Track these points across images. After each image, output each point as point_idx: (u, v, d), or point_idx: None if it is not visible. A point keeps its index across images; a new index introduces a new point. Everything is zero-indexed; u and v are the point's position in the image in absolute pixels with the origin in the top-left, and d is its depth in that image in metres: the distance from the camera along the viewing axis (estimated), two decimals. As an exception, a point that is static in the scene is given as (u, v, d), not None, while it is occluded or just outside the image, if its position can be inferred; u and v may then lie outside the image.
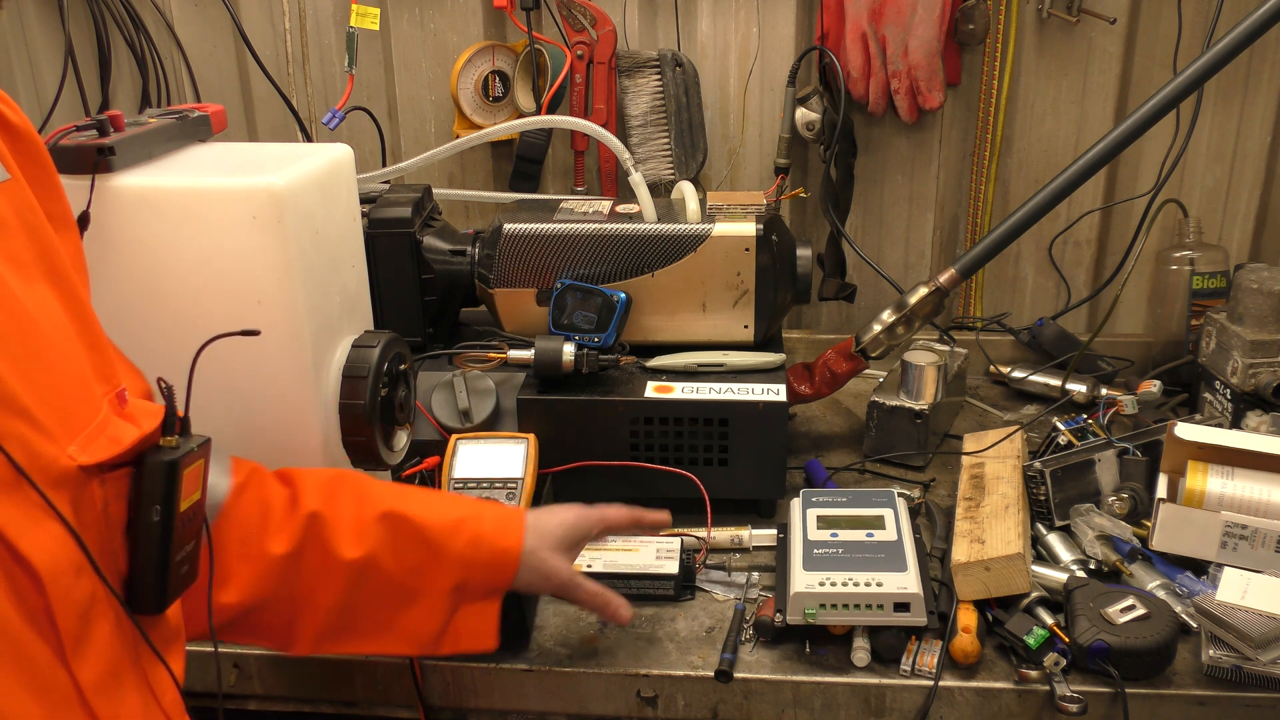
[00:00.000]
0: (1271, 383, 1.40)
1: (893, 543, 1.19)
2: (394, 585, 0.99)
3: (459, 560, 1.01)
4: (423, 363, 1.40)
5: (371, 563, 0.98)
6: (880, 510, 1.25)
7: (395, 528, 0.99)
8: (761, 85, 1.80)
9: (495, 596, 1.04)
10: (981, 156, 1.78)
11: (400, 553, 0.99)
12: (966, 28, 1.68)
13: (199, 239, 1.00)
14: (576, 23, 1.73)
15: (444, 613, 1.02)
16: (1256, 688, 1.06)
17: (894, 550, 1.17)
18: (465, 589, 1.02)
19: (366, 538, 0.98)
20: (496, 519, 1.05)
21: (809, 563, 1.16)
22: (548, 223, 1.41)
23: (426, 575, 1.00)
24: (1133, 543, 1.22)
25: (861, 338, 1.48)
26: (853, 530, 1.21)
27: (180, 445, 0.76)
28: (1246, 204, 1.80)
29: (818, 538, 1.20)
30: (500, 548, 1.03)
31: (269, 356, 1.03)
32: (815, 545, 1.19)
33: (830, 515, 1.25)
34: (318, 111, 1.86)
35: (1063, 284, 1.86)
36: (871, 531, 1.21)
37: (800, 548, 1.19)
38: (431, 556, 1.00)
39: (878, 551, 1.17)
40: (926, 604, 1.11)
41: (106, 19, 1.85)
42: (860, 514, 1.25)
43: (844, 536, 1.20)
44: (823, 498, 1.29)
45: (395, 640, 1.02)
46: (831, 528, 1.22)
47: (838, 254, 1.78)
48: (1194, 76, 1.34)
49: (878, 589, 1.11)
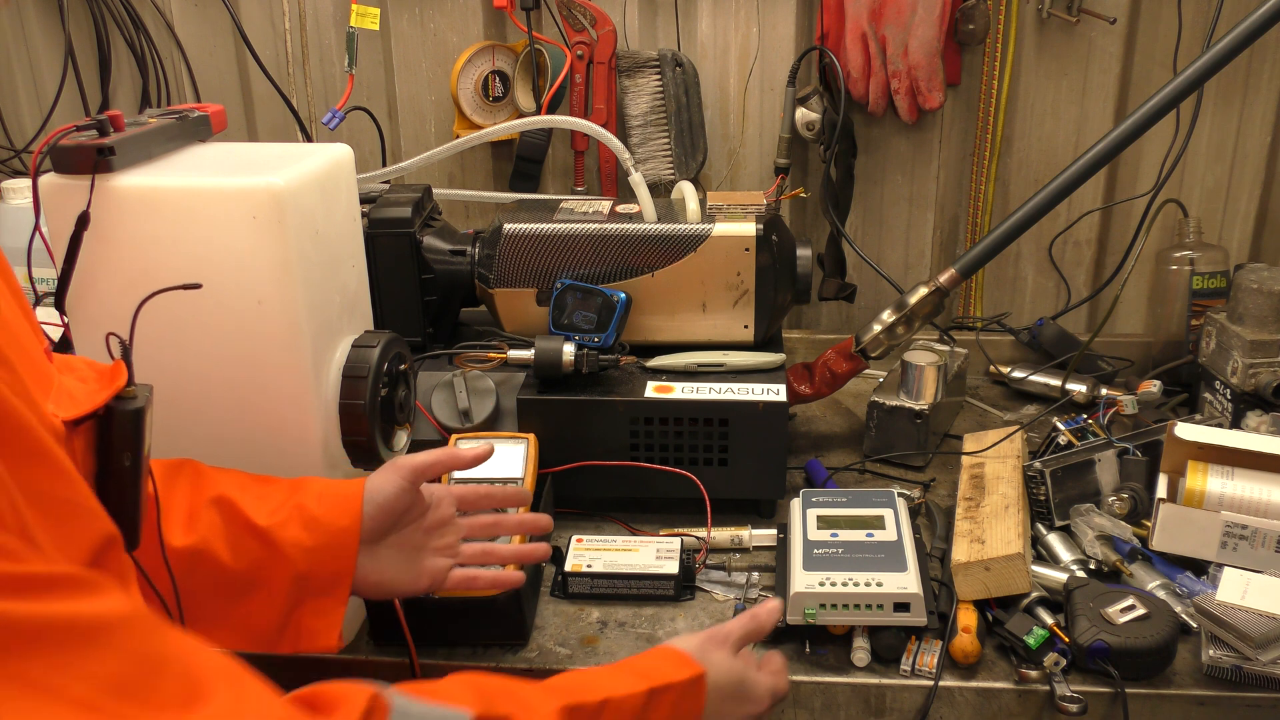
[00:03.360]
0: (1271, 383, 1.40)
1: (893, 543, 1.19)
2: (228, 575, 0.94)
3: (295, 547, 0.95)
4: (423, 363, 1.40)
5: (203, 550, 0.93)
6: (880, 510, 1.25)
7: (227, 514, 0.95)
8: (761, 85, 1.80)
9: (340, 591, 0.98)
10: (981, 156, 1.78)
11: (233, 540, 0.94)
12: (966, 28, 1.68)
13: (199, 239, 1.00)
14: (576, 23, 1.73)
15: (283, 606, 0.96)
16: (1256, 688, 1.06)
17: (894, 550, 1.17)
18: (306, 580, 0.96)
19: (198, 524, 0.94)
20: (331, 497, 0.99)
21: (809, 562, 1.16)
22: (548, 223, 1.41)
23: (263, 565, 0.95)
24: (1133, 543, 1.22)
25: (861, 338, 1.48)
26: (853, 530, 1.21)
27: (139, 395, 0.78)
28: (1246, 204, 1.80)
29: (818, 537, 1.20)
30: (338, 527, 0.97)
31: (269, 356, 1.04)
32: (815, 545, 1.19)
33: (830, 515, 1.25)
34: (318, 111, 1.86)
35: (1063, 284, 1.86)
36: (871, 531, 1.21)
37: (800, 547, 1.19)
38: (264, 544, 0.95)
39: (878, 551, 1.17)
40: (926, 604, 1.11)
41: (106, 19, 1.85)
42: (860, 514, 1.25)
43: (844, 536, 1.20)
44: (822, 498, 1.29)
45: (233, 634, 0.96)
46: (831, 528, 1.22)
47: (838, 254, 1.78)
48: (1194, 76, 1.34)
49: (878, 589, 1.11)
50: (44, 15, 1.89)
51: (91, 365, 0.86)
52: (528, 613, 1.17)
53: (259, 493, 0.99)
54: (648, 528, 1.34)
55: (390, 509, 1.00)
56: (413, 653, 1.11)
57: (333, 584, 0.98)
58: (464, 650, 1.14)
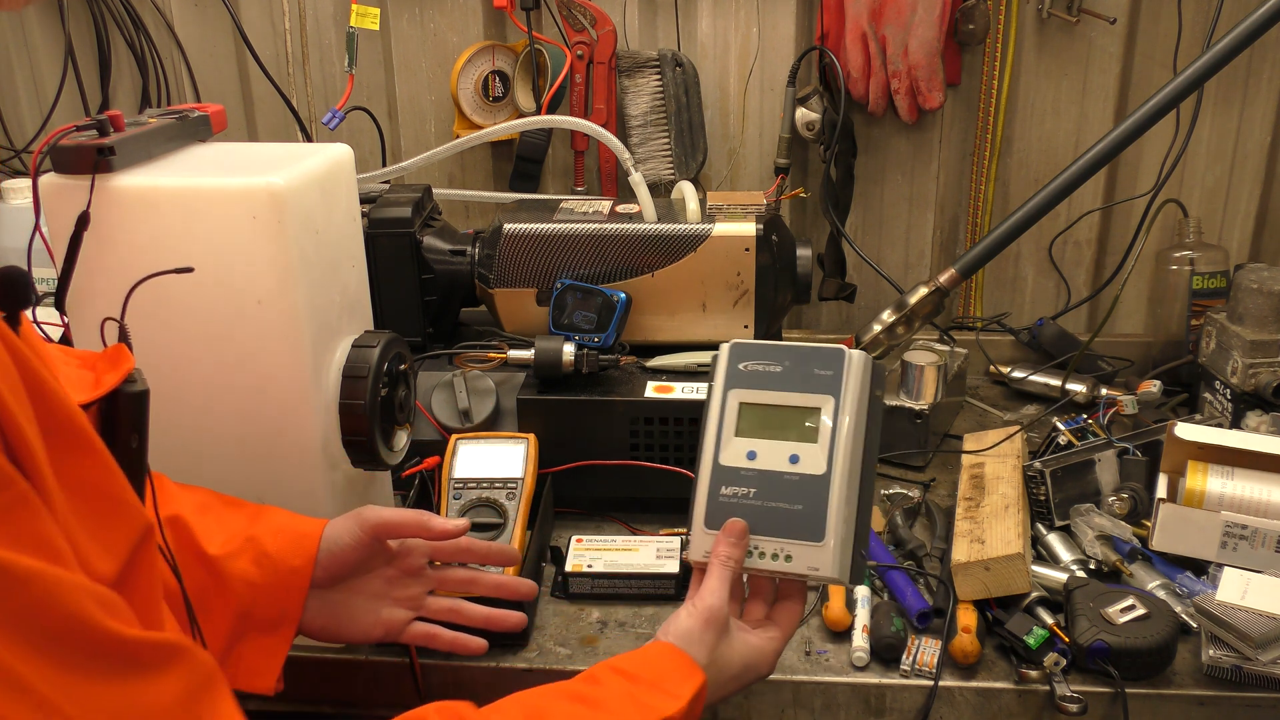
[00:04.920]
0: (1271, 383, 1.40)
1: (816, 480, 0.92)
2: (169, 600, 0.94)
3: (241, 581, 0.93)
4: (423, 363, 1.40)
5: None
6: (818, 399, 0.94)
7: (178, 536, 0.92)
8: (761, 85, 1.80)
9: (284, 631, 0.95)
10: (981, 156, 1.78)
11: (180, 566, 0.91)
12: (966, 28, 1.68)
13: (199, 239, 1.00)
14: (576, 23, 1.73)
15: (224, 639, 0.93)
16: (1256, 688, 1.06)
17: (815, 498, 0.91)
18: (250, 616, 0.93)
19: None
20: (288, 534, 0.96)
21: (713, 512, 0.94)
22: (548, 223, 1.41)
23: (207, 593, 0.92)
24: (1133, 543, 1.22)
25: (861, 338, 1.48)
26: (776, 444, 0.94)
27: (138, 377, 0.78)
28: (1246, 204, 1.80)
29: (731, 461, 0.95)
30: (289, 567, 0.94)
31: (269, 356, 1.03)
32: (725, 479, 0.94)
33: (756, 407, 0.96)
34: (318, 111, 1.86)
35: (1063, 284, 1.86)
36: (797, 454, 0.93)
37: (707, 482, 0.95)
38: (211, 573, 0.92)
39: (795, 496, 0.92)
40: (851, 574, 0.92)
41: (106, 19, 1.85)
42: (791, 406, 0.95)
43: (762, 460, 0.94)
44: (754, 362, 0.97)
45: None
46: (753, 434, 0.95)
47: (838, 254, 1.79)
48: (1194, 76, 1.34)
49: (786, 564, 0.92)
50: (44, 15, 1.89)
51: (73, 353, 0.83)
52: (528, 613, 1.17)
53: (219, 516, 0.96)
54: (648, 528, 1.34)
55: (344, 559, 0.99)
56: (413, 653, 1.11)
57: (277, 623, 0.95)
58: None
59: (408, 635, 1.04)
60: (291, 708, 1.20)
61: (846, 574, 0.91)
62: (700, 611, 0.90)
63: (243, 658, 0.95)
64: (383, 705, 1.18)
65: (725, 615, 0.91)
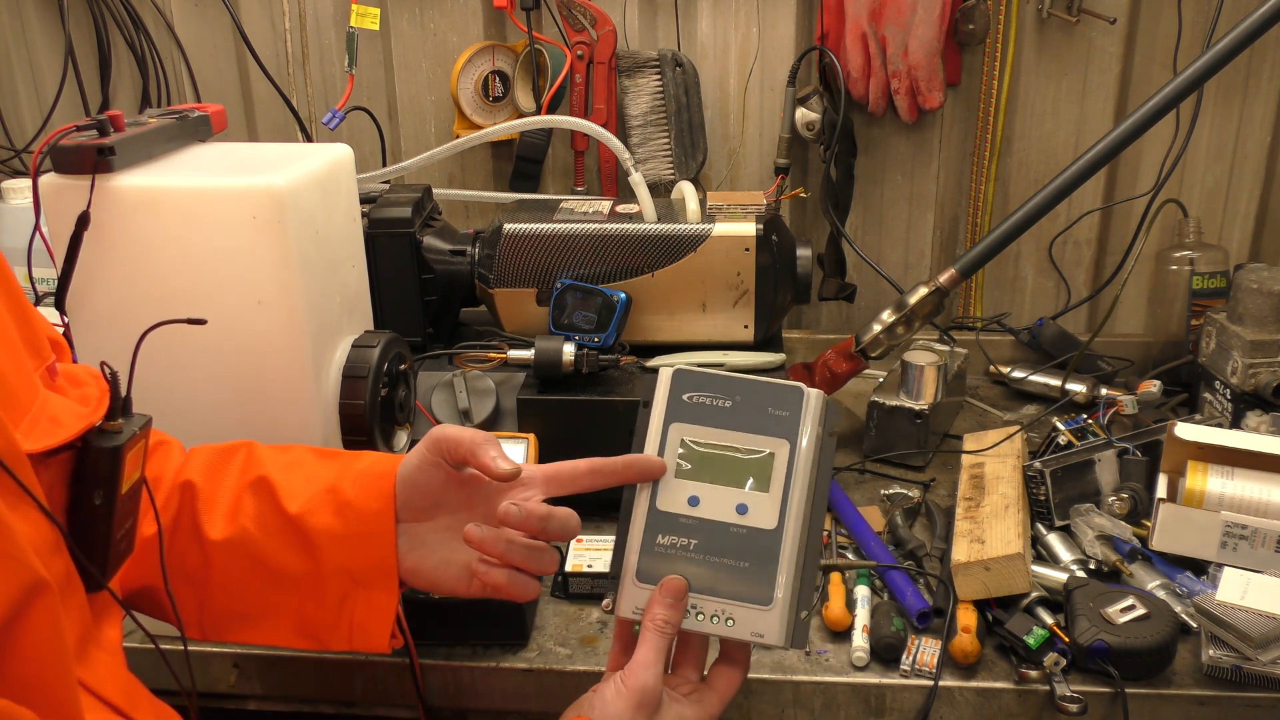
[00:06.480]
0: (1271, 383, 1.40)
1: (766, 534, 0.82)
2: (271, 566, 0.87)
3: (326, 535, 0.86)
4: (423, 363, 1.40)
5: (243, 541, 0.86)
6: (770, 443, 0.84)
7: (263, 500, 0.87)
8: (761, 85, 1.80)
9: (387, 583, 0.87)
10: (981, 156, 1.78)
11: (268, 528, 0.87)
12: (966, 28, 1.68)
13: (199, 239, 1.00)
14: (576, 23, 1.73)
15: (331, 600, 0.87)
16: (1256, 688, 1.06)
17: (763, 554, 0.82)
18: (347, 571, 0.87)
19: (239, 513, 0.87)
20: (367, 476, 0.88)
21: (647, 564, 0.83)
22: (548, 223, 1.41)
23: (300, 555, 0.87)
24: (1133, 543, 1.22)
25: (861, 338, 1.48)
26: (722, 489, 0.84)
27: (124, 429, 0.74)
28: (1246, 204, 1.80)
29: (669, 506, 0.84)
30: (370, 511, 0.86)
31: (269, 356, 1.04)
32: (662, 527, 0.84)
33: (700, 446, 0.85)
34: (318, 111, 1.86)
35: (1063, 284, 1.86)
36: (744, 503, 0.83)
37: (641, 526, 0.84)
38: (296, 532, 0.86)
39: (741, 552, 0.82)
40: (794, 639, 0.82)
41: (106, 19, 1.85)
42: (739, 450, 0.85)
43: (705, 507, 0.83)
44: (702, 394, 0.86)
45: (293, 631, 0.89)
46: (696, 478, 0.84)
47: (838, 254, 1.79)
48: (1194, 76, 1.34)
49: (727, 627, 0.81)
50: (44, 15, 1.89)
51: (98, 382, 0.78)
52: (528, 613, 1.17)
53: (308, 472, 0.89)
54: (648, 528, 1.34)
55: (420, 486, 0.88)
56: (413, 653, 1.11)
57: (376, 574, 0.87)
58: (464, 650, 1.14)
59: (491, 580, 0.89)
60: (291, 708, 1.20)
61: (790, 639, 0.82)
62: (632, 692, 0.79)
63: (355, 616, 0.88)
64: (382, 705, 1.18)
65: (659, 694, 0.80)
